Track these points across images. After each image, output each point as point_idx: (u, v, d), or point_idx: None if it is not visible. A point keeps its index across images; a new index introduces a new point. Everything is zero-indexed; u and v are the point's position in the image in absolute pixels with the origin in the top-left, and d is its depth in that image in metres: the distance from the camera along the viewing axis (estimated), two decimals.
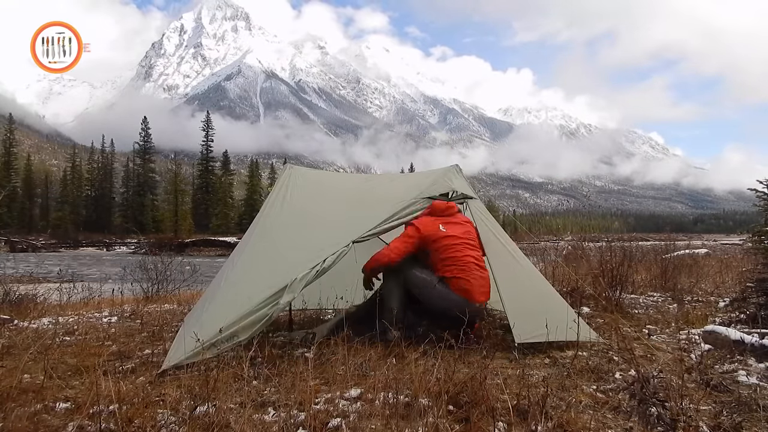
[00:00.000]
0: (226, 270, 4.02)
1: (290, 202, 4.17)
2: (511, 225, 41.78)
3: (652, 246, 10.78)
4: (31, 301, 6.25)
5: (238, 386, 2.76)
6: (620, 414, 2.43)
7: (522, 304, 3.63)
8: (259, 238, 4.04)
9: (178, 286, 7.98)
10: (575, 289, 5.36)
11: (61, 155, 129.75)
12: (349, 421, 2.31)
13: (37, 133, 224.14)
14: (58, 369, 3.16)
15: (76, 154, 78.10)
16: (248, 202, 71.04)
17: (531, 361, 3.31)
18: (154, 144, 74.88)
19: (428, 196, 3.93)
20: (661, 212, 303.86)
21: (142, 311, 5.75)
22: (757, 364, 3.13)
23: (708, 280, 7.66)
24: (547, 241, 11.48)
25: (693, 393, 2.61)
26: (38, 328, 4.71)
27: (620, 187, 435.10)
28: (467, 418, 2.30)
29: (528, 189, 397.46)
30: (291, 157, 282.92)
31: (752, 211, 5.38)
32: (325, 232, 3.74)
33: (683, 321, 4.63)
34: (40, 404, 2.52)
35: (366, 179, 5.39)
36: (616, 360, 3.30)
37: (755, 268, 5.17)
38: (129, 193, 70.33)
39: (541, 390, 2.40)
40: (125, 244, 49.95)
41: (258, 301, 3.24)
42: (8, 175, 61.67)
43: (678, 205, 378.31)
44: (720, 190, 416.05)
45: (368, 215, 3.78)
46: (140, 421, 2.23)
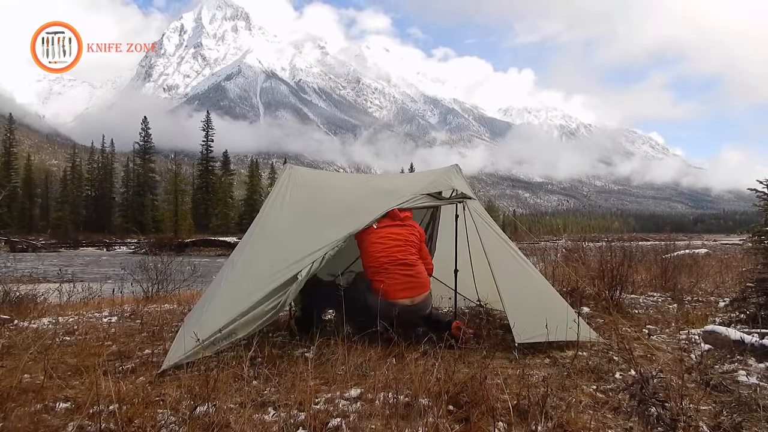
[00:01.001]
0: (226, 270, 4.02)
1: (290, 202, 4.17)
2: (511, 225, 41.75)
3: (652, 246, 10.78)
4: (31, 301, 6.25)
5: (238, 386, 2.76)
6: (620, 414, 2.42)
7: (522, 304, 3.63)
8: (259, 238, 4.04)
9: (178, 286, 7.98)
10: (575, 289, 5.36)
11: (61, 155, 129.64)
12: (349, 421, 2.31)
13: (36, 133, 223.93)
14: (58, 369, 3.16)
15: (76, 154, 77.99)
16: (248, 202, 70.99)
17: (531, 361, 3.31)
18: (154, 144, 74.75)
19: (429, 193, 3.93)
20: (661, 212, 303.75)
21: (142, 311, 5.75)
22: (757, 364, 3.13)
23: (708, 280, 7.66)
24: (547, 241, 11.48)
25: (693, 393, 2.61)
26: (38, 328, 4.71)
27: (620, 187, 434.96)
28: (467, 418, 2.30)
29: (528, 189, 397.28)
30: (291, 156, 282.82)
31: (752, 211, 5.38)
32: (325, 231, 3.75)
33: (683, 321, 4.63)
34: (40, 404, 2.53)
35: (366, 179, 5.39)
36: (616, 360, 3.30)
37: (755, 268, 5.17)
38: (129, 193, 70.26)
39: (541, 390, 2.40)
40: (125, 244, 49.90)
41: (257, 299, 3.25)
42: (8, 175, 61.58)
43: (678, 205, 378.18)
44: (720, 190, 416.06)
45: (368, 212, 3.80)
46: (140, 421, 2.23)
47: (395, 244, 3.90)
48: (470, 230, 4.24)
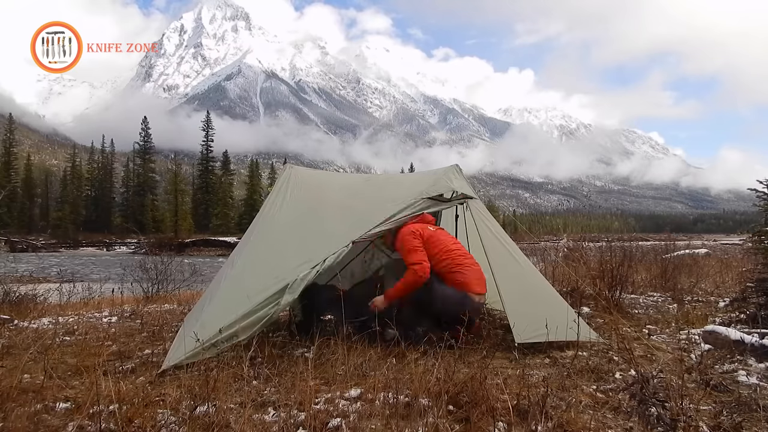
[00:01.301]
0: (226, 270, 4.02)
1: (290, 202, 4.17)
2: (511, 225, 41.77)
3: (652, 246, 10.78)
4: (31, 301, 6.25)
5: (238, 386, 2.76)
6: (620, 414, 2.42)
7: (522, 304, 3.63)
8: (259, 238, 4.04)
9: (178, 286, 7.99)
10: (575, 289, 5.36)
11: (61, 155, 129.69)
12: (349, 421, 2.30)
13: (36, 133, 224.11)
14: (58, 369, 3.16)
15: (76, 154, 77.94)
16: (248, 202, 71.00)
17: (531, 361, 3.31)
18: (154, 144, 74.78)
19: (429, 197, 3.92)
20: (661, 212, 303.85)
21: (142, 311, 5.75)
22: (757, 364, 3.13)
23: (708, 280, 7.65)
24: (547, 241, 11.48)
25: (693, 393, 2.61)
26: (38, 328, 4.71)
27: (620, 187, 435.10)
28: (467, 418, 2.30)
29: (528, 189, 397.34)
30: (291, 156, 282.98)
31: (752, 211, 5.38)
32: (325, 232, 3.74)
33: (683, 321, 4.63)
34: (40, 404, 2.52)
35: (366, 179, 5.39)
36: (616, 360, 3.30)
37: (755, 268, 5.16)
38: (129, 193, 70.28)
39: (541, 390, 2.40)
40: (125, 244, 49.94)
41: (258, 301, 3.24)
42: (8, 175, 61.60)
43: (678, 205, 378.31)
44: (719, 190, 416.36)
45: (368, 215, 3.78)
46: (140, 421, 2.23)
47: (455, 241, 4.03)
48: (470, 230, 4.24)
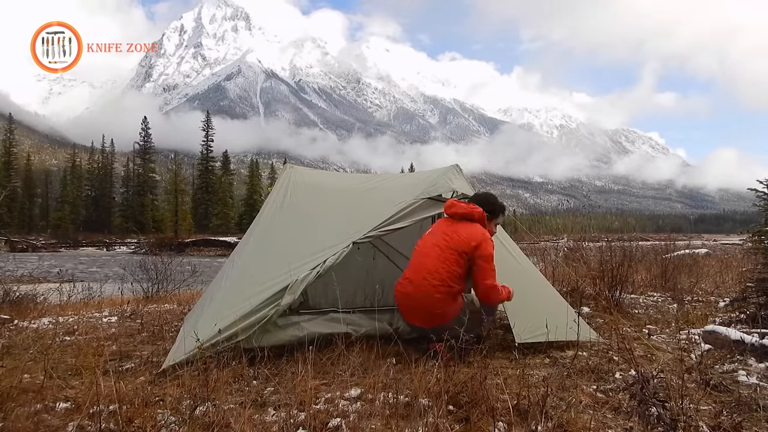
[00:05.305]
0: (227, 270, 4.02)
1: (290, 202, 4.17)
2: (511, 225, 41.67)
3: (652, 246, 10.77)
4: (31, 301, 6.26)
5: (238, 386, 2.76)
6: (620, 414, 2.43)
7: (522, 304, 3.62)
8: (259, 238, 4.04)
9: (178, 286, 7.99)
10: (575, 289, 5.36)
11: (61, 155, 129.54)
12: (349, 421, 2.30)
13: (36, 133, 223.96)
14: (58, 369, 3.16)
15: (76, 154, 77.91)
16: (248, 202, 70.94)
17: (531, 361, 3.31)
18: (154, 144, 74.74)
19: (429, 197, 3.92)
20: (660, 212, 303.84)
21: (142, 311, 5.75)
22: (757, 364, 3.13)
23: (708, 280, 7.65)
24: (547, 241, 11.48)
25: (693, 393, 2.61)
26: (38, 328, 4.71)
27: (620, 187, 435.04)
28: (467, 418, 2.30)
29: (528, 189, 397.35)
30: (291, 156, 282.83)
31: (752, 211, 5.38)
32: (326, 232, 3.74)
33: (683, 321, 4.63)
34: (40, 404, 2.52)
35: (366, 179, 5.38)
36: (616, 360, 3.30)
37: (755, 268, 5.16)
38: (129, 193, 70.23)
39: (541, 390, 2.40)
40: (125, 244, 49.92)
41: (258, 301, 3.24)
42: (8, 175, 61.54)
43: (677, 205, 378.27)
44: (719, 190, 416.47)
45: (369, 215, 3.78)
46: (140, 421, 2.23)
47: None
48: None
